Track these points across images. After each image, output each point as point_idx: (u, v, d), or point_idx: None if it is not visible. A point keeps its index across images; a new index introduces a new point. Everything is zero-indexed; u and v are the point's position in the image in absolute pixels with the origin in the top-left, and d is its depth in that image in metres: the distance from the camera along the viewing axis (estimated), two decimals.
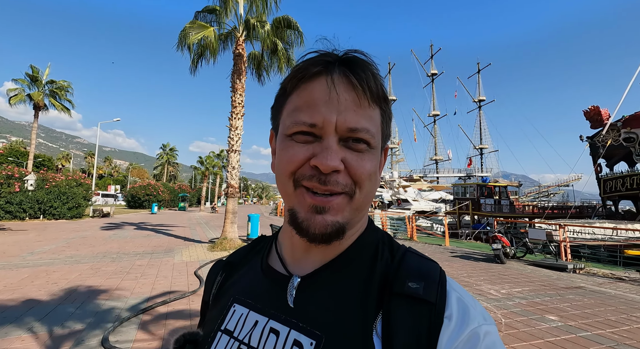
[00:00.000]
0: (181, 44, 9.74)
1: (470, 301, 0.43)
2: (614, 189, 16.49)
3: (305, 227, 0.43)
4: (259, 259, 0.55)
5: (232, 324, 0.48)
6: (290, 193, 0.45)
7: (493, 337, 0.40)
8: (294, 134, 0.44)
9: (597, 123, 16.28)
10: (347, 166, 0.43)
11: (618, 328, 3.85)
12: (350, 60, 0.44)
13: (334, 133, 0.42)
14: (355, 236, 0.49)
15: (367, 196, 0.45)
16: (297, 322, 0.43)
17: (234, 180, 10.12)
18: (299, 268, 0.49)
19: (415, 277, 0.43)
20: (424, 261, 0.47)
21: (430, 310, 0.40)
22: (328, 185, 0.42)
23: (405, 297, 0.41)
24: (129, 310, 4.22)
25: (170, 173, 72.93)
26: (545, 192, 44.24)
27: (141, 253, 8.56)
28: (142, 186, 39.03)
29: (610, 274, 7.14)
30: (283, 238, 0.53)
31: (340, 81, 0.43)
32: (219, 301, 0.54)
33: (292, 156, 0.43)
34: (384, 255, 0.48)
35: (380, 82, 0.45)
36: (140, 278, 5.93)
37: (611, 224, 13.48)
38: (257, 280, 0.52)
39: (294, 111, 0.45)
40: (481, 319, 0.41)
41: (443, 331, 0.39)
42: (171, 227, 16.36)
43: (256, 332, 0.45)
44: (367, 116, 0.44)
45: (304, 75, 0.44)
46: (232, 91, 10.27)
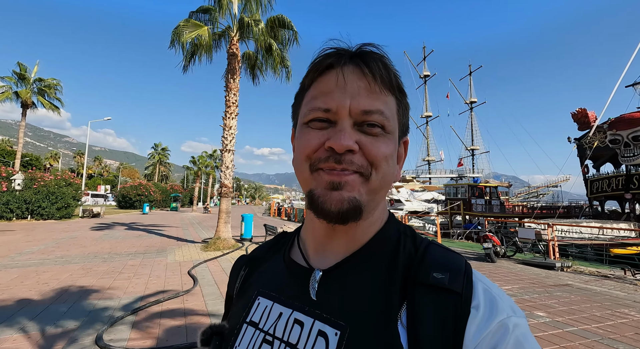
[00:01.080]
0: (174, 42, 9.68)
1: (498, 292, 0.43)
2: (600, 190, 16.91)
3: (322, 203, 0.43)
4: (282, 254, 0.56)
5: (257, 316, 0.49)
6: (307, 177, 0.46)
7: (523, 329, 0.39)
8: (310, 121, 0.46)
9: (584, 125, 16.68)
10: (362, 148, 0.43)
11: (603, 323, 3.97)
12: (362, 53, 0.46)
13: (348, 117, 0.44)
14: (375, 228, 0.49)
15: (383, 179, 0.45)
16: (320, 313, 0.44)
17: (228, 180, 10.09)
18: (321, 261, 0.49)
19: (440, 268, 0.43)
20: (449, 252, 0.47)
21: (457, 300, 0.40)
22: (343, 163, 0.42)
23: (430, 287, 0.41)
24: (122, 309, 4.19)
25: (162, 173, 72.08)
26: (534, 192, 45.07)
27: (133, 253, 8.48)
28: (133, 186, 38.52)
29: (596, 272, 7.33)
30: (305, 233, 0.55)
31: (353, 71, 0.45)
32: (244, 294, 0.55)
33: (308, 140, 0.45)
34: (406, 247, 0.48)
35: (394, 72, 0.47)
36: (133, 278, 5.89)
37: (597, 223, 13.82)
38: (280, 274, 0.53)
39: (310, 100, 0.47)
40: (510, 311, 0.40)
41: (470, 322, 0.39)
42: (163, 227, 16.20)
43: (281, 323, 0.46)
44: (380, 100, 0.45)
45: (318, 68, 0.46)
46: (226, 90, 10.24)
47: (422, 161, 60.23)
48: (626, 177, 15.43)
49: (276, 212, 31.81)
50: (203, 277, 6.02)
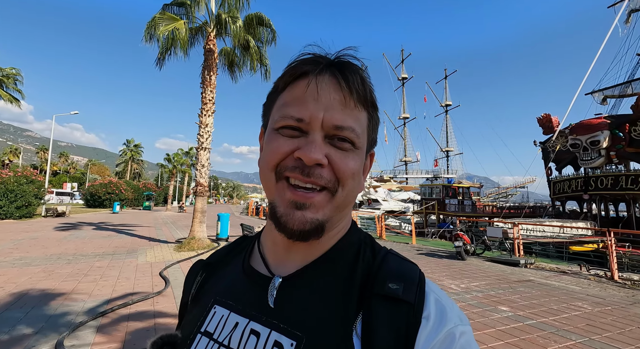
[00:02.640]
0: (149, 35, 9.34)
1: (448, 302, 0.44)
2: (562, 191, 18.02)
3: (284, 223, 0.43)
4: (241, 260, 0.54)
5: (213, 326, 0.47)
6: (272, 186, 0.45)
7: (468, 337, 0.40)
8: (281, 128, 0.45)
9: (548, 130, 17.71)
10: (330, 162, 0.43)
11: (559, 316, 4.26)
12: (341, 63, 0.45)
13: (320, 129, 0.43)
14: (338, 236, 0.49)
15: (348, 195, 0.45)
16: (277, 323, 0.43)
17: (204, 178, 9.87)
18: (281, 268, 0.49)
19: (395, 278, 0.44)
20: (405, 262, 0.47)
21: (409, 310, 0.41)
22: (311, 177, 0.42)
23: (385, 297, 0.42)
24: (86, 313, 4.01)
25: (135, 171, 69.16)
26: (504, 193, 47.29)
27: (101, 254, 8.10)
28: (103, 184, 36.71)
29: (555, 268, 7.82)
30: (265, 238, 0.53)
31: (329, 81, 0.44)
32: (199, 302, 0.53)
33: (277, 147, 0.44)
34: (365, 256, 0.48)
35: (369, 87, 0.46)
36: (100, 280, 5.63)
37: (559, 223, 14.72)
38: (238, 281, 0.51)
39: (283, 106, 0.46)
40: (457, 320, 0.41)
41: (421, 331, 0.40)
42: (135, 227, 15.58)
43: (236, 334, 0.45)
44: (353, 116, 0.44)
45: (295, 73, 0.45)
46: (203, 87, 10.00)
47: (400, 161, 61.56)
48: (584, 180, 16.55)
49: (254, 212, 31.43)
50: (175, 278, 5.86)
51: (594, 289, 5.83)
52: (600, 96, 23.68)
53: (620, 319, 4.21)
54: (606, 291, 5.73)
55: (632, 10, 23.49)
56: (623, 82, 23.16)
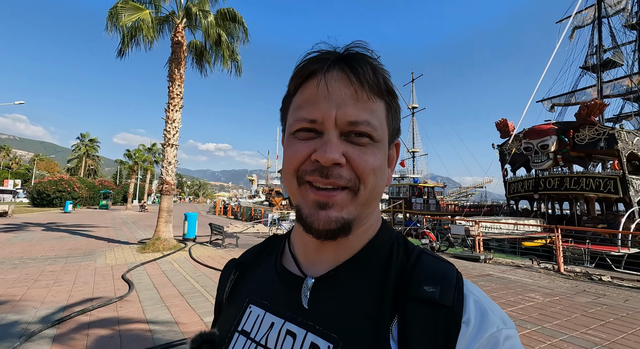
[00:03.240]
0: (110, 24, 8.72)
1: (489, 304, 0.42)
2: (516, 191, 19.50)
3: (310, 223, 0.42)
4: (273, 259, 0.54)
5: (249, 326, 0.48)
6: (295, 190, 0.45)
7: (513, 341, 0.38)
8: (296, 132, 0.44)
9: (505, 133, 19.07)
10: (349, 160, 0.42)
11: (515, 307, 4.62)
12: (349, 56, 0.44)
13: (334, 128, 0.42)
14: (368, 235, 0.48)
15: (372, 191, 0.44)
16: (313, 324, 0.43)
17: (170, 176, 9.43)
18: (313, 268, 0.48)
19: (431, 280, 0.42)
20: (440, 262, 0.46)
21: (447, 315, 0.39)
22: (330, 178, 0.41)
23: (421, 301, 0.41)
24: (39, 322, 3.68)
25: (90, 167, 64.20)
26: (464, 192, 50.12)
27: (53, 257, 7.46)
28: (53, 181, 33.73)
29: (511, 263, 8.45)
30: (295, 238, 0.53)
31: (339, 77, 0.43)
32: (234, 301, 0.54)
33: (295, 152, 0.44)
34: (399, 256, 0.47)
35: (383, 75, 0.45)
36: (53, 286, 5.19)
37: (513, 220, 15.91)
38: (271, 281, 0.51)
39: (296, 109, 0.45)
40: (500, 323, 0.39)
41: (461, 337, 0.38)
42: (91, 227, 14.51)
43: (273, 334, 0.45)
44: (367, 109, 0.43)
45: (303, 74, 0.45)
46: (170, 80, 9.54)
47: None
48: (535, 180, 18.04)
49: (222, 211, 30.56)
50: (140, 281, 5.55)
51: (544, 281, 6.39)
52: (549, 104, 25.95)
53: (567, 307, 4.65)
54: (554, 283, 6.30)
55: (576, 26, 25.94)
56: (568, 92, 25.59)
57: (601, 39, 23.85)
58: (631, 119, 26.50)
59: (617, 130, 15.02)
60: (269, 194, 48.49)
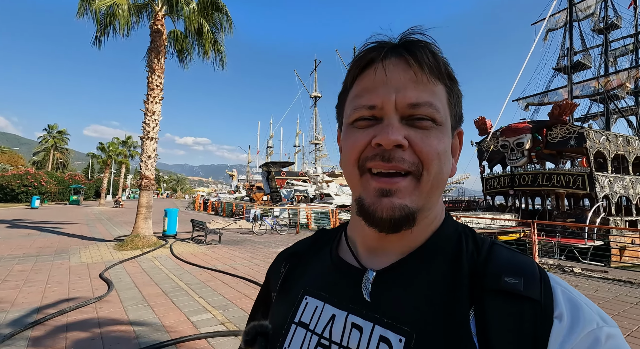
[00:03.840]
0: (83, 8, 8.21)
1: (583, 299, 0.38)
2: (492, 187, 20.24)
3: (372, 212, 0.40)
4: (328, 251, 0.52)
5: (307, 317, 0.46)
6: (356, 181, 0.43)
7: (618, 341, 0.35)
8: (355, 121, 0.43)
9: (483, 131, 19.69)
10: (412, 144, 0.40)
11: None
12: (405, 42, 0.43)
13: (395, 112, 0.41)
14: (432, 227, 0.46)
15: (436, 178, 0.41)
16: (380, 317, 0.41)
17: (149, 171, 9.07)
18: (374, 261, 0.46)
19: (511, 271, 0.39)
20: (517, 254, 0.43)
21: (536, 309, 0.36)
22: (392, 161, 0.40)
23: (503, 293, 0.37)
24: (10, 326, 3.45)
25: (59, 160, 60.82)
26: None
27: (21, 256, 7.02)
28: (17, 175, 31.74)
29: None
30: (353, 231, 0.51)
31: (397, 62, 0.42)
32: (287, 293, 0.52)
33: (354, 141, 0.42)
34: (468, 247, 0.44)
35: (442, 59, 0.43)
36: (24, 286, 4.88)
37: (490, 215, 16.53)
38: (327, 272, 0.50)
39: (354, 98, 0.44)
40: (600, 320, 0.36)
41: (553, 333, 0.35)
42: (62, 224, 13.78)
43: (337, 326, 0.43)
44: (428, 91, 0.41)
45: (360, 64, 0.44)
46: (149, 71, 9.13)
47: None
48: (511, 177, 18.80)
49: (202, 207, 29.87)
50: (120, 280, 5.32)
51: None
52: (524, 103, 27.00)
53: None
54: None
55: (550, 29, 27.06)
56: (541, 92, 26.70)
57: (572, 41, 24.99)
58: (597, 119, 28.10)
59: (586, 129, 15.86)
60: (250, 189, 47.83)
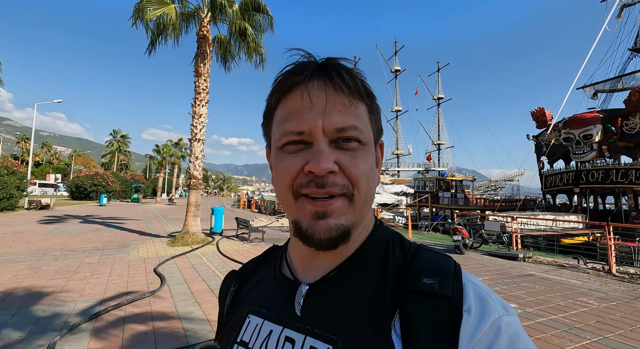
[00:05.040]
0: (136, 19, 8.83)
1: (489, 292, 0.42)
2: (553, 184, 18.30)
3: (310, 235, 0.42)
4: (272, 269, 0.55)
5: (248, 336, 0.48)
6: (292, 205, 0.44)
7: (515, 326, 0.39)
8: (284, 145, 0.44)
9: (542, 123, 17.86)
10: (341, 167, 0.42)
11: (568, 313, 4.21)
12: (326, 65, 0.44)
13: (323, 136, 0.42)
14: (362, 237, 0.49)
15: (366, 195, 0.44)
16: (312, 328, 0.43)
17: (197, 171, 9.54)
18: (308, 275, 0.49)
19: (429, 273, 0.43)
20: (438, 256, 0.46)
21: (448, 305, 0.40)
22: (326, 187, 0.41)
23: (421, 294, 0.41)
24: (78, 315, 3.75)
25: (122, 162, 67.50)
26: (493, 186, 48.02)
27: (90, 250, 7.77)
28: (89, 176, 35.73)
29: (553, 261, 7.87)
30: (292, 247, 0.53)
31: (320, 86, 0.43)
32: (234, 312, 0.54)
33: (287, 167, 0.44)
34: (395, 254, 0.47)
35: (360, 79, 0.45)
36: (91, 278, 5.35)
37: (551, 216, 14.95)
38: (270, 289, 0.52)
39: (280, 122, 0.45)
40: (502, 310, 0.40)
41: (463, 325, 0.38)
42: (124, 220, 15.14)
43: (272, 341, 0.45)
44: (352, 114, 0.44)
45: (283, 88, 0.45)
46: (196, 75, 9.58)
47: (392, 154, 61.75)
48: (576, 173, 16.81)
49: (246, 204, 31.09)
50: (171, 275, 5.62)
51: (594, 284, 5.86)
52: (592, 91, 23.96)
53: (629, 315, 4.19)
54: (607, 286, 5.75)
55: (625, 5, 23.68)
56: (614, 76, 23.47)
57: None
58: None
59: None
60: None
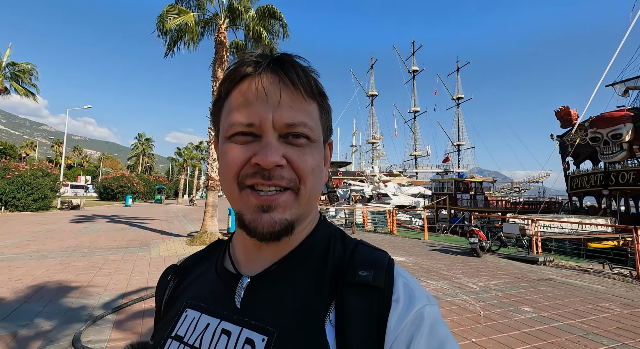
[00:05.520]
0: (159, 29, 9.26)
1: (416, 285, 0.45)
2: (580, 186, 17.47)
3: (254, 228, 0.43)
4: (214, 262, 0.54)
5: (183, 330, 0.48)
6: (236, 196, 0.44)
7: (435, 314, 0.42)
8: (232, 136, 0.44)
9: (566, 123, 17.10)
10: (289, 161, 0.43)
11: (586, 318, 4.07)
12: (281, 59, 0.45)
13: (272, 130, 0.43)
14: (306, 231, 0.50)
15: (312, 190, 0.45)
16: (249, 320, 0.44)
17: (215, 172, 9.84)
18: (251, 268, 0.49)
19: (365, 266, 0.45)
20: (374, 251, 0.49)
21: (380, 295, 0.42)
22: (273, 179, 0.42)
23: (356, 285, 0.43)
24: (102, 308, 4.01)
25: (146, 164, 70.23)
26: (516, 188, 46.31)
27: (115, 248, 8.19)
28: (115, 177, 37.42)
29: (576, 266, 7.56)
30: (236, 240, 0.54)
31: (272, 80, 0.43)
32: (171, 307, 0.54)
33: (234, 157, 0.44)
34: (336, 249, 0.49)
35: (313, 78, 0.46)
36: (115, 274, 5.66)
37: (577, 218, 14.29)
38: (210, 283, 0.52)
39: (230, 112, 0.45)
40: (425, 300, 0.43)
41: (391, 314, 0.41)
42: (147, 220, 15.78)
43: (207, 334, 0.45)
44: (303, 111, 0.44)
45: (235, 77, 0.45)
46: (214, 80, 9.92)
47: (409, 155, 60.88)
48: (604, 174, 15.98)
49: None
50: None
51: (620, 289, 5.59)
52: (622, 88, 22.66)
53: None
54: (633, 292, 5.48)
55: None
56: None
57: None
58: None
59: None
60: None
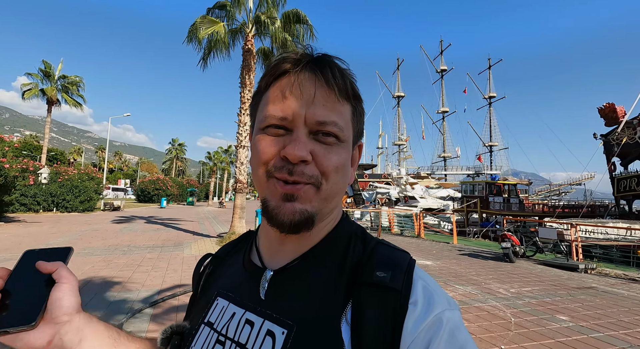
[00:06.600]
0: (190, 38, 9.79)
1: (436, 288, 0.45)
2: (628, 189, 16.09)
3: (275, 215, 0.44)
4: (242, 254, 0.57)
5: (214, 317, 0.51)
6: (263, 184, 0.46)
7: (456, 321, 0.41)
8: (266, 128, 0.46)
9: (612, 121, 15.86)
10: (315, 158, 0.44)
11: (631, 330, 3.78)
12: (320, 59, 0.47)
13: (303, 126, 0.44)
14: (327, 228, 0.51)
15: (334, 187, 0.46)
16: (271, 313, 0.45)
17: (243, 176, 10.19)
18: (274, 261, 0.51)
19: (383, 266, 0.45)
20: (395, 251, 0.48)
21: (396, 297, 0.42)
22: (294, 175, 0.43)
23: (373, 285, 0.43)
24: (141, 302, 4.31)
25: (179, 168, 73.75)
26: (556, 191, 43.42)
27: (151, 247, 8.71)
28: (152, 181, 39.57)
29: (623, 275, 7.00)
30: (261, 233, 0.56)
31: (310, 78, 0.45)
32: (205, 294, 0.56)
33: (265, 147, 0.46)
34: (356, 247, 0.50)
35: (350, 80, 0.48)
36: (151, 271, 6.04)
37: (625, 224, 13.19)
38: (238, 274, 0.54)
39: (266, 105, 0.47)
40: (445, 305, 0.42)
41: (408, 317, 0.41)
42: (180, 221, 16.58)
43: (233, 323, 0.48)
44: (336, 111, 0.46)
45: (275, 72, 0.47)
46: (241, 86, 10.30)
47: (438, 157, 59.14)
48: None
49: None
50: None
51: None
52: None
53: None
54: None
55: None
56: None
57: None
58: None
59: None
60: None
